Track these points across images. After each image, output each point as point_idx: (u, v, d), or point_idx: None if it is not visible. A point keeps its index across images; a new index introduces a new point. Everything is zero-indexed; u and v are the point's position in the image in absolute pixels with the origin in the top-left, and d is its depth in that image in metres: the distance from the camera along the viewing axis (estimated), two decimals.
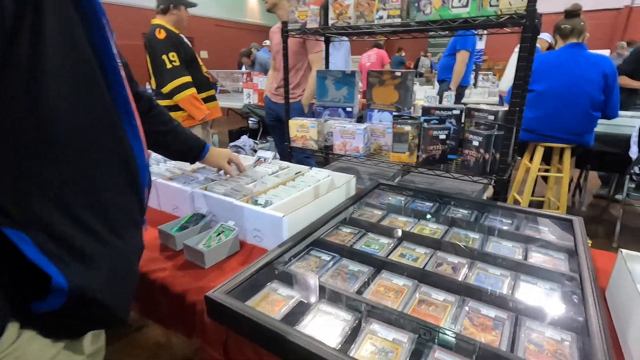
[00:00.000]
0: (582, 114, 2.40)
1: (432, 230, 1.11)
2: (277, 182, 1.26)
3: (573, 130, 2.45)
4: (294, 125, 1.75)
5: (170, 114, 2.54)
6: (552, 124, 2.46)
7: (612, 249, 2.67)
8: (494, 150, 1.28)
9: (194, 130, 2.65)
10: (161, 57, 2.34)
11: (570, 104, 2.38)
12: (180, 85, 2.41)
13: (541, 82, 2.45)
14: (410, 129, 1.44)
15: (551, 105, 2.42)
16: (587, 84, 2.35)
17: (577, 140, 2.52)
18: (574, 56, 2.38)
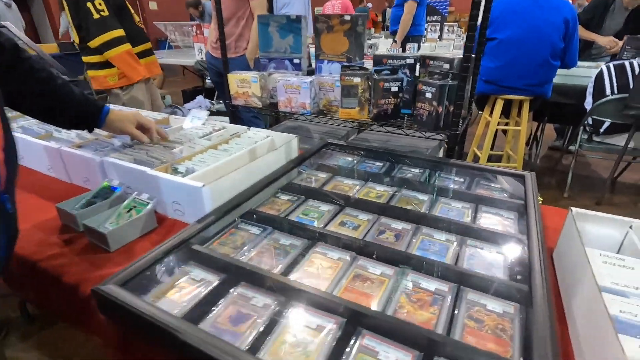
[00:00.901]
0: (542, 61, 2.35)
1: (378, 194, 1.01)
2: (207, 145, 1.10)
3: (533, 79, 2.41)
4: (234, 80, 1.55)
5: (102, 72, 2.27)
6: (513, 73, 2.40)
7: (564, 199, 2.76)
8: (447, 102, 1.17)
9: (134, 90, 2.35)
10: (85, 5, 1.96)
11: (532, 51, 2.31)
12: (112, 39, 2.06)
13: (503, 30, 2.35)
14: (359, 81, 1.29)
15: (512, 54, 2.35)
16: (548, 29, 2.27)
17: (536, 91, 2.48)
18: (535, 1, 2.28)
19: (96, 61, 2.14)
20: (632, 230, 0.66)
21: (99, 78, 2.22)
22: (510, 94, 2.51)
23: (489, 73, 2.49)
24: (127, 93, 2.26)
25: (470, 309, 0.61)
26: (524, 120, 2.59)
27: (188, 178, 0.86)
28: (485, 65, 2.49)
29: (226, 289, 0.66)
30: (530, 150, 3.56)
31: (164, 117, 1.40)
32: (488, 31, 2.41)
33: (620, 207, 2.66)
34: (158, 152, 1.02)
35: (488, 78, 2.51)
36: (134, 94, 2.31)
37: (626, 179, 3.06)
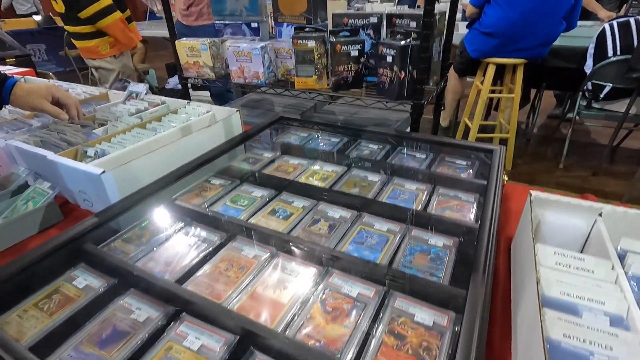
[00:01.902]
0: (557, 16, 2.13)
1: (324, 175, 0.89)
2: (133, 124, 0.97)
3: (543, 37, 2.19)
4: (182, 48, 1.38)
5: (93, 41, 2.14)
6: (520, 26, 2.15)
7: (558, 170, 2.62)
8: (411, 67, 1.02)
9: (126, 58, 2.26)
10: None
11: (547, 4, 2.08)
12: (103, 9, 2.01)
13: None
14: (315, 45, 1.13)
15: (525, 4, 2.09)
16: None
17: (538, 52, 2.27)
18: None
19: (86, 32, 2.11)
20: (602, 218, 0.53)
21: (90, 48, 2.20)
22: (509, 54, 2.29)
23: (493, 24, 2.22)
24: (120, 61, 2.22)
25: (394, 321, 0.50)
26: (517, 87, 2.41)
27: (90, 163, 0.74)
28: (491, 15, 2.23)
29: (110, 298, 0.56)
30: (528, 119, 3.37)
31: (103, 93, 1.26)
32: None
33: (618, 176, 2.52)
34: (73, 133, 0.89)
35: (491, 30, 2.23)
36: (126, 61, 2.28)
37: (627, 146, 2.89)
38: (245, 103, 1.53)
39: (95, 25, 2.06)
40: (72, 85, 1.36)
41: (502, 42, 2.23)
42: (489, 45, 2.29)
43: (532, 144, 3.08)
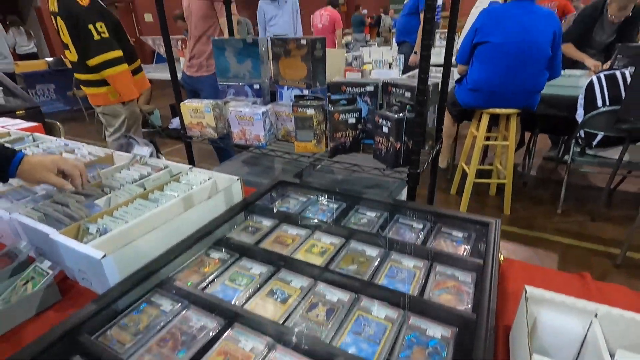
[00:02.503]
0: (535, 70, 2.25)
1: (323, 248, 0.89)
2: (137, 193, 0.99)
3: (525, 87, 2.29)
4: (187, 110, 1.44)
5: (103, 88, 2.23)
6: (506, 81, 2.27)
7: (557, 216, 2.63)
8: (406, 138, 1.05)
9: (134, 105, 2.34)
10: (87, 27, 2.01)
11: (526, 57, 2.21)
12: (111, 59, 2.12)
13: (494, 34, 2.23)
14: (313, 113, 1.18)
15: (506, 59, 2.23)
16: (540, 36, 2.19)
17: (525, 102, 2.36)
18: (525, 9, 2.19)
19: (96, 79, 2.20)
20: (597, 319, 0.54)
21: (99, 95, 2.29)
22: (498, 106, 2.39)
23: (477, 81, 2.36)
24: (127, 108, 2.30)
25: None
26: (511, 135, 2.47)
27: (91, 244, 0.75)
28: (474, 73, 2.37)
29: None
30: (524, 160, 3.42)
31: (108, 155, 1.30)
32: (477, 37, 2.30)
33: (616, 222, 2.52)
34: (76, 206, 0.91)
35: (476, 87, 2.38)
36: (133, 108, 2.36)
37: (624, 190, 2.92)
38: (245, 159, 1.57)
39: (100, 74, 2.15)
40: (78, 145, 1.40)
41: (489, 96, 2.34)
42: (478, 100, 2.40)
43: (529, 187, 3.11)
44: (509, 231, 2.47)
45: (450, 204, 2.82)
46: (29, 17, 7.99)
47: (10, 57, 5.08)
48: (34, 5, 7.64)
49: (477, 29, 2.26)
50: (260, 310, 0.70)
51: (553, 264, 2.15)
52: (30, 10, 7.79)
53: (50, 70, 5.95)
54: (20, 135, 1.57)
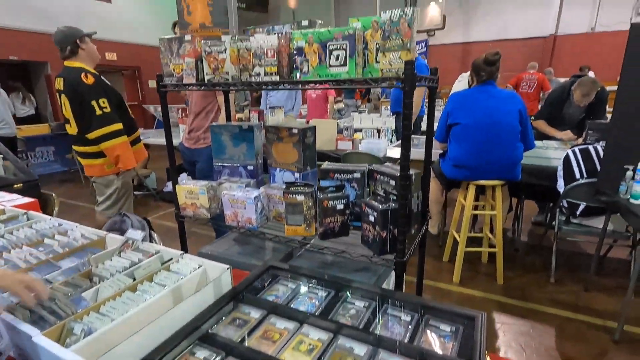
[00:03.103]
0: (507, 144, 2.41)
1: (311, 345, 0.88)
2: (125, 285, 0.99)
3: (501, 160, 2.42)
4: (182, 191, 1.49)
5: (99, 160, 2.29)
6: (481, 155, 2.42)
7: (550, 285, 2.61)
8: (391, 227, 1.10)
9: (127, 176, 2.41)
10: (90, 103, 2.16)
11: (495, 133, 2.40)
12: (112, 132, 2.23)
13: (463, 117, 2.45)
14: (303, 199, 1.24)
15: (478, 136, 2.42)
16: (505, 114, 2.41)
17: (506, 174, 2.48)
18: (488, 92, 2.43)
19: (92, 151, 2.29)
20: None
21: (95, 166, 2.37)
22: (481, 178, 2.51)
23: (457, 159, 2.52)
24: (122, 179, 2.36)
25: None
26: (498, 205, 2.55)
27: (73, 348, 0.74)
28: (453, 151, 2.54)
29: None
30: (514, 226, 3.48)
31: (100, 238, 1.31)
32: (449, 120, 2.50)
33: (609, 291, 2.51)
34: (63, 303, 0.91)
35: (457, 163, 2.53)
36: (127, 179, 2.41)
37: (614, 256, 2.94)
38: (237, 237, 1.59)
39: (98, 146, 2.23)
40: (71, 226, 1.42)
41: (471, 170, 2.49)
42: (461, 174, 2.54)
43: (521, 254, 3.13)
44: (504, 302, 2.43)
45: (442, 273, 2.80)
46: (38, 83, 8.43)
47: (12, 123, 5.27)
48: (44, 73, 8.10)
49: (448, 112, 2.49)
50: None
51: (551, 339, 2.09)
52: (40, 77, 8.24)
53: (51, 134, 6.15)
54: (14, 214, 1.59)
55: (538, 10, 9.24)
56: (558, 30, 9.17)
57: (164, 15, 9.62)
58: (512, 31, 9.65)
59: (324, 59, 1.06)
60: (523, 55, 9.27)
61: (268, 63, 1.15)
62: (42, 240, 1.31)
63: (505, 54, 2.52)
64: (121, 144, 2.27)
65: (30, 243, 1.28)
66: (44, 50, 7.35)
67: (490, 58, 2.37)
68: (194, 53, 1.29)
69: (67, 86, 2.17)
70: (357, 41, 1.02)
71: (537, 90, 6.28)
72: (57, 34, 2.21)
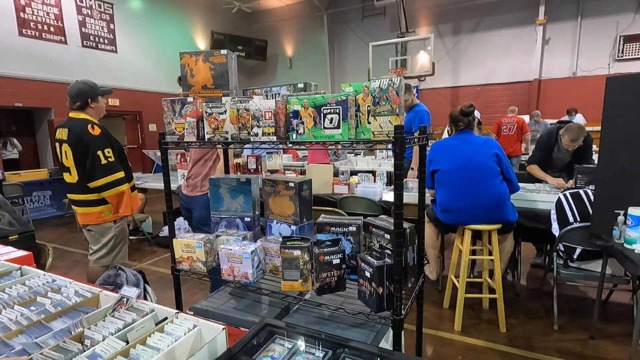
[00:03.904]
0: (487, 183, 2.47)
1: None
2: (117, 350, 0.97)
3: (486, 202, 2.46)
4: (179, 245, 1.50)
5: (97, 208, 2.30)
6: (464, 199, 2.47)
7: (554, 333, 2.54)
8: (387, 282, 1.10)
9: (124, 222, 2.42)
10: (96, 153, 2.22)
11: (474, 177, 2.47)
12: (115, 180, 2.28)
13: (442, 163, 2.58)
14: (300, 254, 1.25)
15: (458, 182, 2.50)
16: (482, 157, 2.49)
17: (497, 216, 2.50)
18: (464, 139, 2.56)
19: (91, 199, 2.30)
20: None
21: (93, 214, 2.37)
22: (473, 222, 2.52)
23: (443, 203, 2.56)
24: (119, 226, 2.35)
25: None
26: (495, 250, 2.55)
27: None
28: (439, 196, 2.60)
29: None
30: (513, 270, 3.44)
31: (94, 296, 1.30)
32: (431, 167, 2.59)
33: (615, 339, 2.44)
34: None
35: (444, 208, 2.57)
36: (123, 225, 2.41)
37: (616, 301, 2.90)
38: (232, 291, 1.57)
39: (100, 194, 2.26)
40: (65, 283, 1.40)
41: (459, 214, 2.53)
42: (452, 218, 2.58)
43: (522, 299, 3.07)
44: (509, 352, 2.35)
45: (443, 321, 2.73)
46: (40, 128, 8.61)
47: None
48: (47, 118, 8.30)
49: (430, 160, 2.60)
50: None
51: None
52: (43, 122, 8.43)
53: (49, 180, 6.18)
54: (8, 269, 1.57)
55: (521, 57, 9.80)
56: (542, 75, 9.67)
57: (166, 63, 10.13)
58: (497, 76, 10.16)
59: (318, 122, 1.12)
60: (509, 98, 9.70)
61: (266, 124, 1.21)
62: (35, 299, 1.29)
63: (492, 97, 2.66)
64: (124, 191, 2.30)
65: (22, 302, 1.26)
66: (49, 98, 7.60)
67: (465, 110, 2.52)
68: (196, 113, 1.36)
69: (72, 136, 2.23)
70: (350, 105, 1.09)
71: (518, 133, 6.60)
72: (73, 87, 2.30)
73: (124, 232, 2.50)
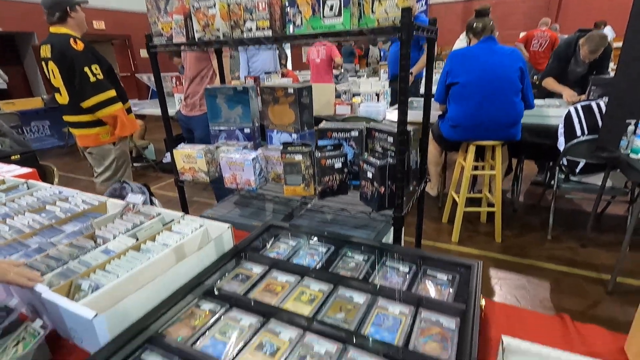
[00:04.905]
0: (507, 101, 2.36)
1: (312, 296, 0.92)
2: (129, 245, 1.01)
3: (501, 119, 2.39)
4: (180, 155, 1.49)
5: (94, 129, 2.26)
6: (480, 115, 2.39)
7: (547, 242, 2.66)
8: (389, 182, 1.10)
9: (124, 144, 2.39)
10: (83, 70, 2.09)
11: (495, 90, 2.35)
12: (106, 100, 2.18)
13: (462, 74, 2.39)
14: (301, 159, 1.23)
15: (477, 95, 2.37)
16: (506, 70, 2.34)
17: (506, 134, 2.46)
18: (489, 49, 2.36)
19: (88, 120, 2.23)
20: None
21: (90, 136, 2.32)
22: (481, 138, 2.49)
23: (456, 118, 2.48)
24: (119, 148, 2.33)
25: None
26: (497, 165, 2.55)
27: (82, 302, 0.76)
28: (452, 111, 2.50)
29: None
30: (513, 187, 3.49)
31: (101, 203, 1.33)
32: (448, 79, 2.44)
33: (606, 246, 2.56)
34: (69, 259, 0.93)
35: (456, 123, 2.50)
36: (124, 148, 2.39)
37: (612, 213, 2.98)
38: (237, 200, 1.60)
39: (94, 114, 2.19)
40: (72, 193, 1.43)
41: (470, 131, 2.46)
42: (460, 134, 2.51)
43: (519, 214, 3.16)
44: (501, 259, 2.49)
45: (442, 233, 2.85)
46: (27, 55, 8.18)
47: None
48: (32, 44, 7.83)
49: (447, 72, 2.43)
50: None
51: (546, 292, 2.17)
52: (28, 48, 7.98)
53: (45, 108, 6.05)
54: (14, 183, 1.60)
55: None
56: None
57: None
58: None
59: (317, 10, 1.01)
60: (527, 12, 8.91)
61: (260, 17, 1.10)
62: (44, 207, 1.32)
63: (508, 10, 2.41)
64: (118, 110, 2.22)
65: (32, 210, 1.29)
66: (31, 20, 7.07)
67: (481, 9, 2.29)
68: (183, 10, 1.23)
69: (55, 52, 2.09)
70: None
71: (549, 49, 5.79)
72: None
73: (125, 155, 2.47)
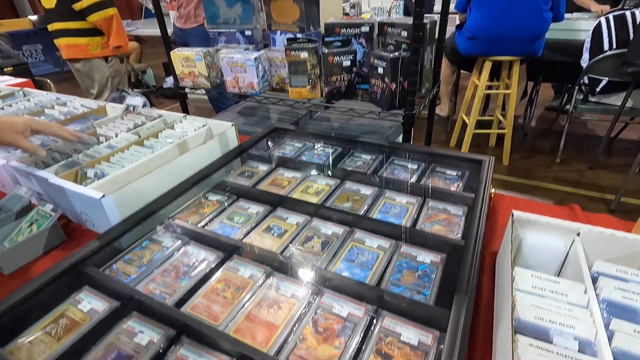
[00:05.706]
0: (535, 10, 2.14)
1: (318, 189, 0.91)
2: (132, 141, 0.99)
3: (525, 32, 2.21)
4: (178, 58, 1.40)
5: (83, 39, 2.09)
6: (504, 26, 2.20)
7: (555, 165, 2.63)
8: (402, 78, 1.03)
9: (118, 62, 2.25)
10: None
11: (521, 1, 2.10)
12: (100, 2, 1.95)
13: None
14: (307, 56, 1.15)
15: (502, 3, 2.14)
16: None
17: (528, 49, 2.29)
18: None
19: (76, 27, 2.01)
20: (579, 238, 0.56)
21: (78, 46, 2.09)
22: (499, 53, 2.32)
23: (475, 28, 2.29)
24: (112, 66, 2.17)
25: (381, 341, 0.53)
26: (513, 84, 2.41)
27: (90, 186, 0.76)
28: (472, 20, 2.29)
29: (114, 320, 0.59)
30: (526, 112, 3.37)
31: (100, 107, 1.28)
32: None
33: (614, 169, 2.54)
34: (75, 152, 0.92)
35: (475, 34, 2.31)
36: (117, 67, 2.23)
37: (625, 138, 2.90)
38: (241, 110, 1.55)
39: (86, 19, 1.99)
40: (70, 98, 1.38)
41: (489, 43, 2.27)
42: (477, 48, 2.33)
43: (530, 138, 3.09)
44: (507, 180, 2.49)
45: None
46: None
47: None
48: None
49: None
50: (258, 244, 0.73)
51: None
52: None
53: (35, 30, 5.71)
54: (10, 91, 1.54)
55: None
56: None
57: None
58: None
59: None
60: None
61: None
62: (43, 111, 1.29)
63: None
64: (112, 16, 2.04)
65: (31, 113, 1.26)
66: None
67: None
68: None
69: None
70: None
71: None
72: None
73: (120, 74, 2.33)
